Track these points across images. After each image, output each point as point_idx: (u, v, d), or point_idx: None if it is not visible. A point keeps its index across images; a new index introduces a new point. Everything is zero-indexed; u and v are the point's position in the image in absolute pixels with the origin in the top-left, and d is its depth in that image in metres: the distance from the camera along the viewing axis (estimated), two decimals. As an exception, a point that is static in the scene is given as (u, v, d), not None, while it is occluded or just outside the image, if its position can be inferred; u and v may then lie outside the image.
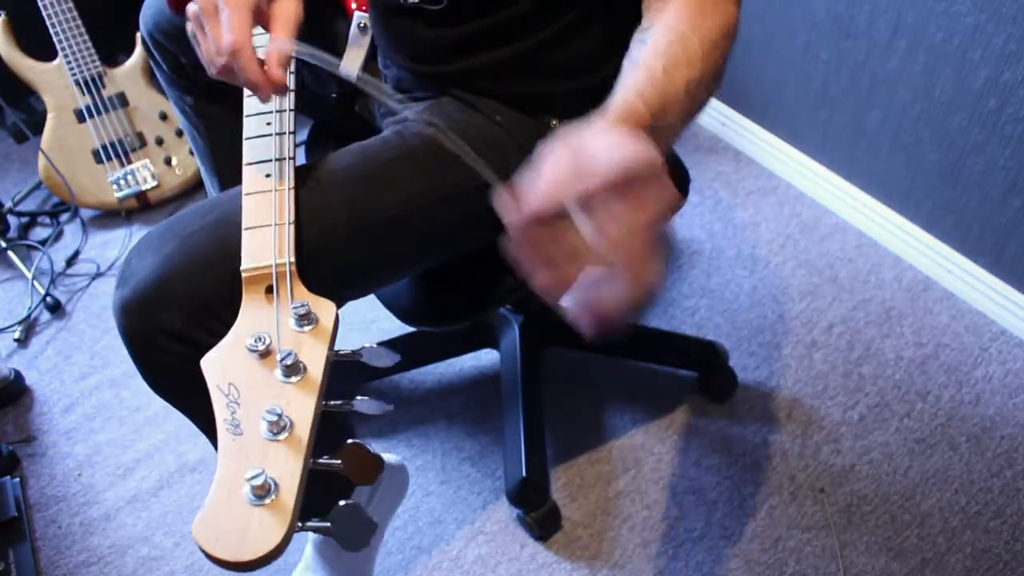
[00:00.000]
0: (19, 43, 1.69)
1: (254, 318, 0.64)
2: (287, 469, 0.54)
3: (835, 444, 1.32)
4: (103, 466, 1.37)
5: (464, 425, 1.38)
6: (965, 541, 1.20)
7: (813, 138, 1.68)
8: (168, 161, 1.78)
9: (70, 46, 1.66)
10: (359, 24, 0.95)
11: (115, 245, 1.74)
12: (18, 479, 1.33)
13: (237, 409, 0.57)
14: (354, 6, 0.99)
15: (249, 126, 0.78)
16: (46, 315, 1.62)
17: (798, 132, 1.70)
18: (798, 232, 1.66)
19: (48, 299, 1.61)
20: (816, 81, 1.60)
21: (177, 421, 1.42)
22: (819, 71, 1.58)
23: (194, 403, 0.79)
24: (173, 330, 0.73)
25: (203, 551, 0.49)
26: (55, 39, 1.65)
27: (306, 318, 0.62)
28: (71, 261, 1.71)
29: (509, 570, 1.20)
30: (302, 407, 0.57)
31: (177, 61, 1.15)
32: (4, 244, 1.72)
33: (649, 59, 0.67)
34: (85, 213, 1.81)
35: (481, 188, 0.87)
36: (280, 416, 0.55)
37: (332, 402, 0.59)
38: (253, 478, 0.51)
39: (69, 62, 1.67)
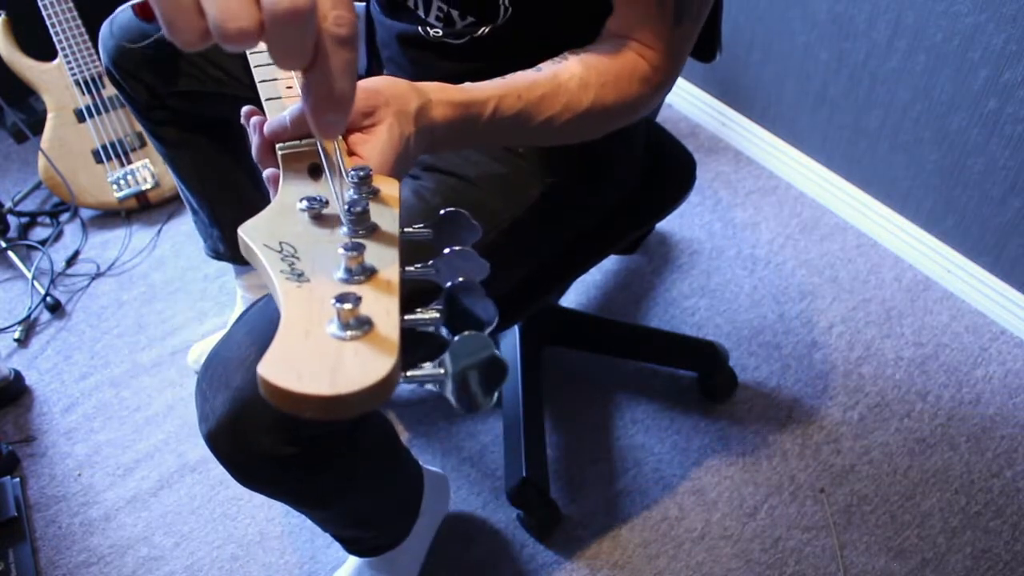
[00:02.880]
0: (19, 43, 1.69)
1: (301, 190, 0.52)
2: (380, 305, 0.42)
3: (835, 444, 1.32)
4: (103, 466, 1.37)
5: (464, 425, 1.38)
6: (965, 541, 1.20)
7: (813, 138, 1.68)
8: (168, 161, 1.78)
9: (70, 46, 1.67)
10: None
11: (115, 245, 1.74)
12: (18, 479, 1.33)
13: (296, 262, 0.45)
14: None
15: (264, 90, 0.73)
16: (46, 315, 1.62)
17: (798, 132, 1.70)
18: (798, 232, 1.66)
19: (48, 299, 1.61)
20: (816, 81, 1.60)
21: (177, 421, 1.42)
22: (819, 71, 1.58)
23: (285, 494, 0.87)
24: (263, 453, 0.77)
25: (277, 392, 0.37)
26: (55, 39, 1.65)
27: (367, 184, 0.50)
28: (71, 261, 1.71)
29: (509, 570, 1.20)
30: (382, 252, 0.46)
31: (151, 91, 1.13)
32: (4, 244, 1.72)
33: (533, 74, 0.72)
34: (85, 213, 1.81)
35: (509, 227, 0.87)
36: (359, 252, 0.43)
37: (413, 268, 0.47)
38: (341, 301, 0.39)
39: (69, 62, 1.67)
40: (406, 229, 0.49)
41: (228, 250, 1.33)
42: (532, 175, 0.90)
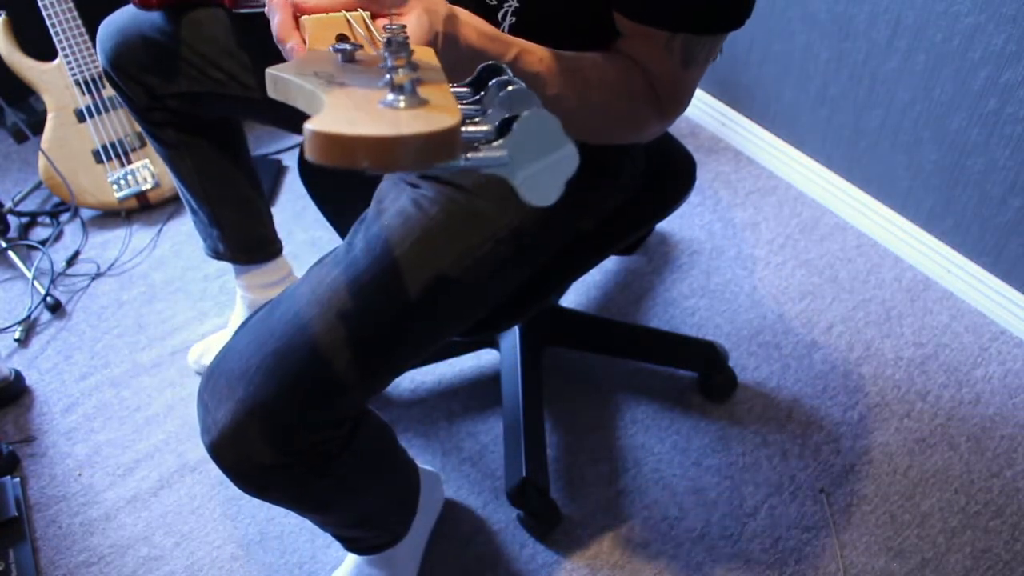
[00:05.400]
0: (19, 43, 1.69)
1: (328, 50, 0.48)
2: (434, 92, 0.38)
3: (835, 444, 1.32)
4: (103, 466, 1.37)
5: (464, 425, 1.38)
6: (965, 541, 1.20)
7: (813, 138, 1.68)
8: (168, 161, 1.78)
9: (70, 46, 1.66)
10: None
11: (115, 245, 1.74)
12: (18, 479, 1.33)
13: (333, 79, 0.41)
14: None
15: None
16: (46, 315, 1.62)
17: (798, 132, 1.70)
18: (798, 232, 1.66)
19: (48, 299, 1.61)
20: (816, 81, 1.60)
21: (177, 421, 1.42)
22: (819, 71, 1.58)
23: (287, 500, 0.88)
24: (265, 462, 0.78)
25: (329, 141, 0.33)
26: (55, 39, 1.65)
27: (402, 36, 0.44)
28: (71, 261, 1.71)
29: (509, 570, 1.21)
30: (426, 72, 0.41)
31: (149, 92, 1.13)
32: (4, 244, 1.72)
33: (559, 50, 0.73)
34: (85, 213, 1.81)
35: (508, 235, 0.87)
36: (406, 55, 0.39)
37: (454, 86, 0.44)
38: (394, 70, 0.36)
39: (69, 62, 1.67)
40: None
41: (228, 250, 1.33)
42: None
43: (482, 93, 0.46)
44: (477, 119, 0.42)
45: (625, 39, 0.77)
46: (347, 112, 0.36)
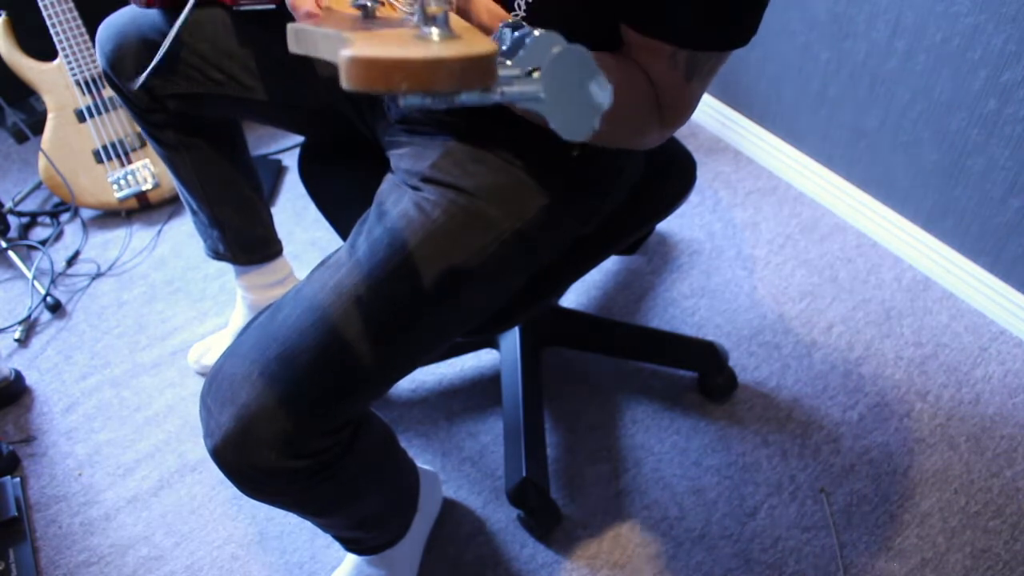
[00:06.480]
0: (19, 43, 1.69)
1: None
2: (467, 31, 0.39)
3: (835, 444, 1.32)
4: (103, 466, 1.37)
5: (464, 425, 1.38)
6: (965, 541, 1.20)
7: (813, 138, 1.68)
8: (168, 161, 1.78)
9: (70, 46, 1.67)
10: None
11: (115, 245, 1.74)
12: (18, 479, 1.33)
13: (357, 26, 0.42)
14: None
15: None
16: (46, 315, 1.62)
17: (798, 132, 1.71)
18: (798, 232, 1.66)
19: (48, 299, 1.61)
20: (816, 81, 1.60)
21: (178, 421, 1.42)
22: (819, 71, 1.58)
23: (290, 504, 0.89)
24: (268, 466, 0.78)
25: (370, 65, 0.34)
26: (55, 39, 1.65)
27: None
28: (71, 261, 1.71)
29: (509, 570, 1.21)
30: (456, 23, 0.42)
31: (149, 93, 1.13)
32: (4, 244, 1.72)
33: None
34: (85, 213, 1.81)
35: (510, 237, 0.87)
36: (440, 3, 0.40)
37: None
38: (426, 1, 0.37)
39: (69, 62, 1.68)
40: None
41: (228, 250, 1.33)
42: (533, 188, 0.90)
43: (506, 45, 0.46)
44: (507, 63, 0.42)
45: (630, 49, 0.77)
46: (382, 42, 0.36)
